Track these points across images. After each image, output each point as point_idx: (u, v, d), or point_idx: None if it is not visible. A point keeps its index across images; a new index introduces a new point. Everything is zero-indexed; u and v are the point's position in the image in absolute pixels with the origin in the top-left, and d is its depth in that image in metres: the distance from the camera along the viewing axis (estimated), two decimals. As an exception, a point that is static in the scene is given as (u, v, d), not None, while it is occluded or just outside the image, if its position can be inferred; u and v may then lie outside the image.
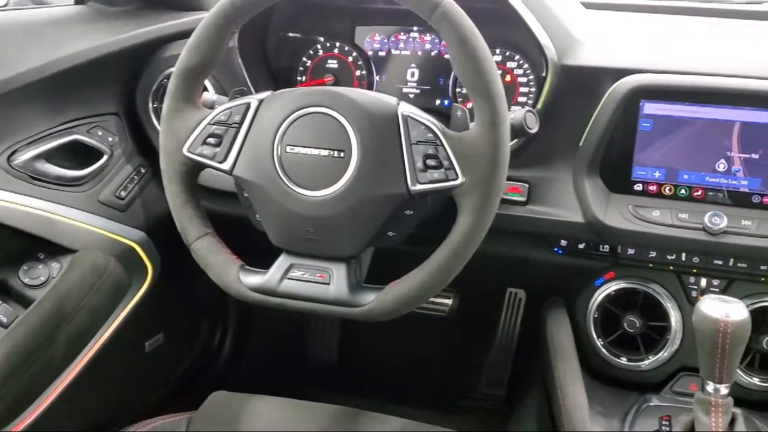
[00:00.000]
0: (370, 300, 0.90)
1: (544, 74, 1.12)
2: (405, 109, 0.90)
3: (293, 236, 0.93)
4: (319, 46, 1.31)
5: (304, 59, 1.32)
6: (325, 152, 0.90)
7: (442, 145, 0.87)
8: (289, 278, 0.93)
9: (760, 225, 1.04)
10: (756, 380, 1.12)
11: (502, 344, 1.80)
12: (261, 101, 0.93)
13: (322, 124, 0.90)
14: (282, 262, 0.94)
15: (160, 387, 1.57)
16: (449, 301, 1.59)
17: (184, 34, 0.98)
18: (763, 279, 1.11)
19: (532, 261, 1.22)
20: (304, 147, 0.90)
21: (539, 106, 1.12)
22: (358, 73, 1.29)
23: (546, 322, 1.22)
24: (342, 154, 0.89)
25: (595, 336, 1.17)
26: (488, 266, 1.27)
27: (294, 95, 0.93)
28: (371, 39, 1.29)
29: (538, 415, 1.36)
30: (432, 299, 1.50)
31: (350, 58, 1.29)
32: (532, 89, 1.20)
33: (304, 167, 0.90)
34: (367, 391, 1.77)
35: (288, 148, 0.91)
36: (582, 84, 1.12)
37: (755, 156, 1.04)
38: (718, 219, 1.05)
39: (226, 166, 0.93)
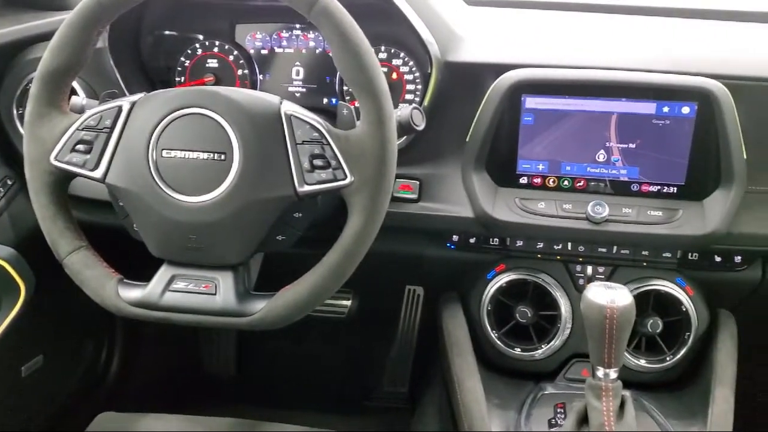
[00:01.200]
0: (260, 308, 0.87)
1: (429, 71, 1.12)
2: (288, 108, 0.87)
3: (174, 245, 0.88)
4: (197, 45, 1.26)
5: (182, 59, 1.26)
6: (204, 155, 0.85)
7: (329, 144, 0.85)
8: (171, 290, 0.88)
9: (639, 212, 1.08)
10: (643, 362, 1.16)
11: (403, 342, 1.80)
12: (134, 104, 0.88)
13: (200, 126, 0.86)
14: (163, 273, 0.89)
15: (41, 413, 1.47)
16: (348, 303, 1.58)
17: (48, 35, 0.91)
18: (645, 264, 1.15)
19: (427, 257, 1.22)
20: (181, 150, 0.86)
21: (426, 103, 1.12)
22: (240, 72, 1.25)
23: (442, 317, 1.23)
24: (223, 157, 0.85)
25: (489, 328, 1.18)
26: (384, 265, 1.27)
27: (169, 96, 0.88)
28: (252, 37, 1.25)
29: (440, 411, 1.36)
30: (330, 301, 1.49)
31: (231, 57, 1.25)
32: (419, 86, 1.20)
33: (183, 172, 0.86)
34: (270, 401, 1.73)
35: (164, 153, 0.86)
36: (466, 80, 1.13)
37: (632, 146, 1.08)
38: (600, 208, 1.08)
39: (98, 174, 0.87)
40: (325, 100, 1.24)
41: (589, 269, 1.17)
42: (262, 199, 0.85)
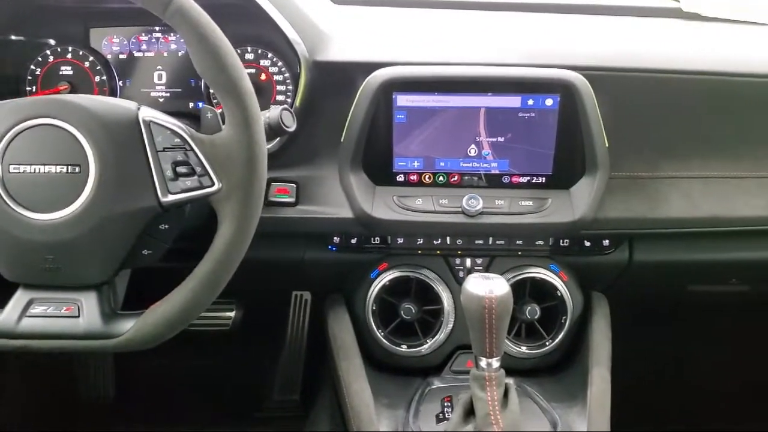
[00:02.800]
0: (129, 328, 0.82)
1: (298, 71, 1.10)
2: (147, 113, 0.82)
3: (29, 267, 0.81)
4: (49, 52, 1.17)
5: (33, 67, 1.17)
6: (57, 169, 0.79)
7: (192, 149, 0.81)
8: (29, 316, 0.82)
9: (511, 203, 1.11)
10: (524, 349, 1.19)
11: (292, 349, 1.77)
12: None
13: (52, 138, 0.80)
14: (19, 298, 0.83)
15: None
16: (231, 314, 1.52)
17: None
18: (519, 253, 1.19)
19: (309, 261, 1.19)
20: (30, 165, 0.79)
21: (297, 104, 1.10)
22: (97, 79, 1.18)
23: (327, 321, 1.21)
24: (77, 169, 0.79)
25: (375, 328, 1.18)
26: (266, 272, 1.24)
27: (14, 107, 0.81)
28: (109, 41, 1.18)
29: (331, 416, 1.35)
30: (210, 314, 1.44)
31: (87, 63, 1.17)
32: (290, 87, 1.17)
33: (34, 188, 0.79)
34: (154, 422, 1.65)
35: (11, 168, 0.79)
36: (337, 79, 1.12)
37: (501, 139, 1.11)
38: (474, 201, 1.10)
39: None
40: (191, 105, 1.19)
41: (468, 262, 1.19)
42: (123, 212, 0.80)
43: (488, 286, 0.92)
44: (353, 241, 1.17)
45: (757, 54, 1.24)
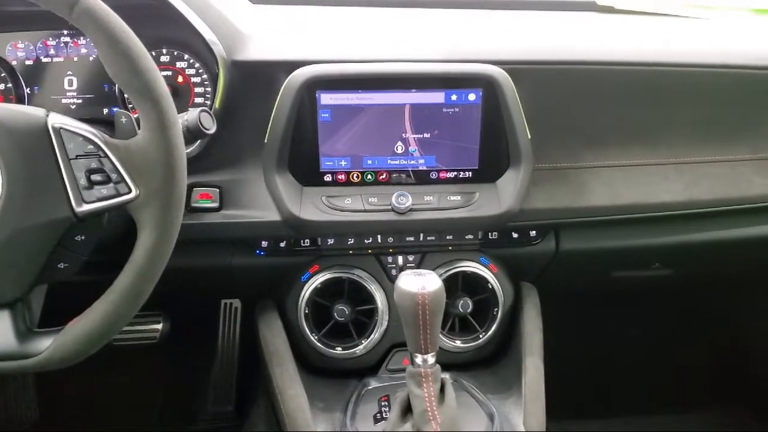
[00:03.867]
0: (47, 346, 0.77)
1: (217, 72, 1.07)
2: (56, 120, 0.78)
3: None
4: (-53, 59, 1.10)
5: None
6: None
7: (107, 156, 0.77)
8: None
9: (440, 199, 1.11)
10: (458, 343, 1.20)
11: (224, 358, 1.72)
12: None
13: None
14: None
15: None
16: (159, 326, 1.47)
17: None
18: (450, 248, 1.19)
19: (237, 268, 1.16)
20: None
21: (217, 105, 1.07)
22: (2, 87, 1.11)
23: (259, 327, 1.18)
24: None
25: (308, 332, 1.16)
26: (192, 280, 1.20)
27: None
28: (14, 47, 1.12)
29: (267, 424, 1.32)
30: (135, 327, 1.38)
31: None
32: (209, 89, 1.14)
33: None
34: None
35: None
36: (257, 79, 1.09)
37: (427, 135, 1.11)
38: (403, 198, 1.09)
39: None
40: (106, 111, 1.14)
41: (400, 259, 1.19)
42: (35, 224, 0.76)
43: (420, 283, 0.92)
44: (282, 244, 1.15)
45: (670, 44, 1.28)
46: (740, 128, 1.23)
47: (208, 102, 1.14)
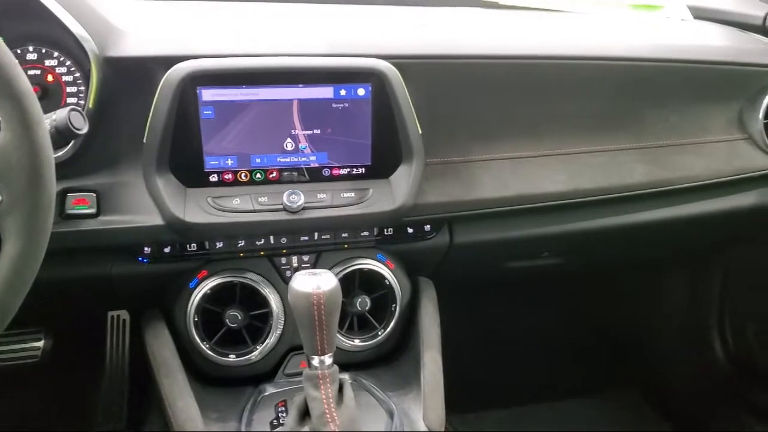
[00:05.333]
0: None
1: (89, 69, 1.00)
2: None
3: None
4: None
5: None
6: None
7: None
8: None
9: (333, 196, 1.08)
10: (357, 342, 1.18)
11: (113, 374, 1.63)
12: None
13: None
14: None
15: None
16: (40, 343, 1.37)
17: None
18: (346, 246, 1.17)
19: (117, 277, 1.09)
20: None
21: (90, 104, 1.00)
22: None
23: (146, 338, 1.11)
24: None
25: (199, 340, 1.10)
26: (71, 293, 1.12)
27: None
28: None
29: (161, 440, 1.25)
30: (16, 345, 1.29)
31: None
32: (82, 88, 1.06)
33: None
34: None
35: None
36: (134, 76, 1.03)
37: (317, 131, 1.08)
38: (295, 197, 1.06)
39: None
40: None
41: (295, 260, 1.15)
42: None
43: (315, 282, 0.90)
44: (167, 250, 1.09)
45: (553, 38, 1.31)
46: (621, 118, 1.28)
47: (82, 102, 1.06)
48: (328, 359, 0.92)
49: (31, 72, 1.03)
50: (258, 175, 1.08)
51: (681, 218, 1.35)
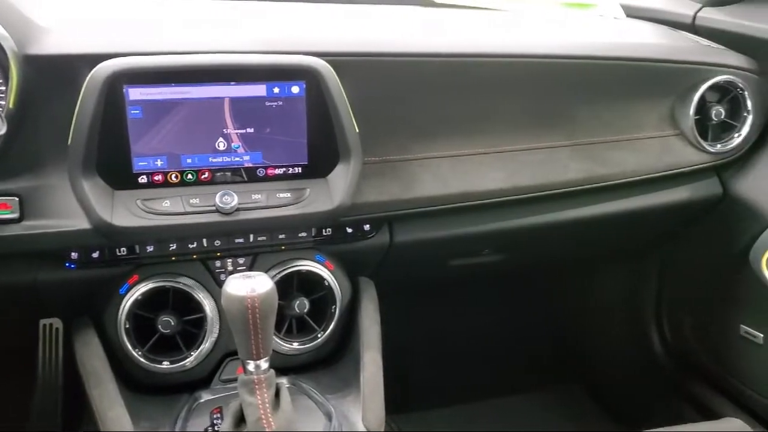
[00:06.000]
0: None
1: (8, 68, 0.96)
2: None
3: None
4: None
5: None
6: None
7: None
8: None
9: (269, 197, 1.06)
10: (296, 345, 1.16)
11: (46, 385, 1.56)
12: None
13: None
14: None
15: None
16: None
17: None
18: (283, 247, 1.15)
19: (43, 284, 1.05)
20: None
21: (11, 105, 0.96)
22: None
23: (75, 347, 1.07)
24: None
25: (130, 347, 1.07)
26: (-4, 301, 1.07)
27: None
28: None
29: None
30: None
31: None
32: (2, 87, 1.02)
33: None
34: None
35: None
36: (58, 75, 0.99)
37: (251, 130, 1.05)
38: (228, 198, 1.03)
39: None
40: None
41: (230, 263, 1.13)
42: None
43: (250, 285, 0.87)
44: (95, 255, 1.06)
45: (488, 37, 1.32)
46: (556, 116, 1.29)
47: (2, 102, 1.02)
48: (263, 364, 0.90)
49: None
50: (189, 176, 1.05)
51: (616, 214, 1.37)
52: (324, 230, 1.16)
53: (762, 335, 1.45)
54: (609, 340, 1.92)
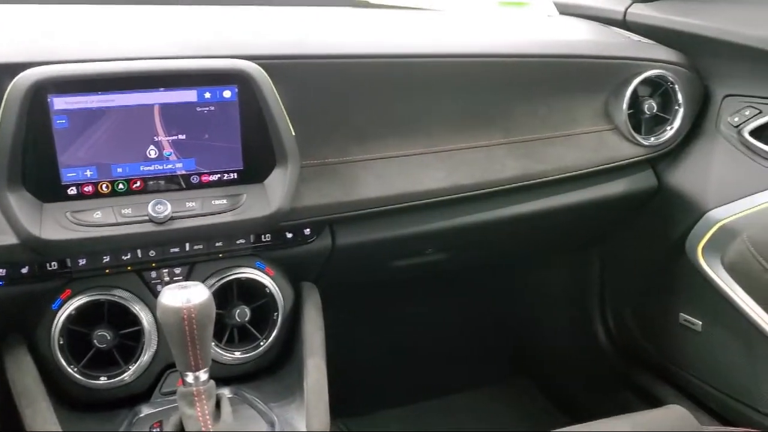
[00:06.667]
0: None
1: None
2: None
3: None
4: None
5: None
6: None
7: None
8: None
9: (203, 204, 1.04)
10: (238, 354, 1.14)
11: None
12: None
13: None
14: None
15: None
16: None
17: None
18: (221, 255, 1.13)
19: None
20: None
21: None
22: None
23: (6, 366, 1.03)
24: None
25: (65, 364, 1.03)
26: None
27: None
28: None
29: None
30: None
31: None
32: None
33: None
34: None
35: None
36: None
37: (182, 137, 1.03)
38: (162, 207, 1.01)
39: None
40: None
41: (165, 273, 1.10)
42: None
43: (185, 296, 0.86)
44: (24, 270, 1.02)
45: (423, 36, 1.32)
46: (493, 114, 1.30)
47: None
48: (203, 375, 0.88)
49: None
50: (120, 186, 1.02)
51: (555, 209, 1.39)
52: (263, 236, 1.15)
53: (700, 322, 1.48)
54: (555, 333, 1.95)
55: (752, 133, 1.33)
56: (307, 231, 1.19)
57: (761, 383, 1.37)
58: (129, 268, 1.08)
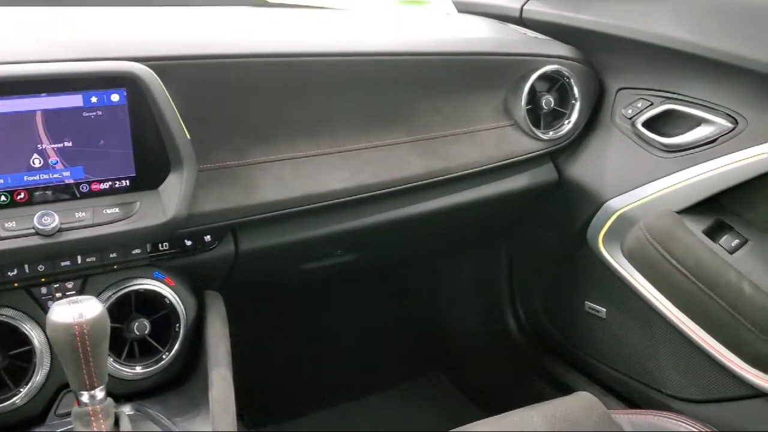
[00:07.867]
0: None
1: None
2: None
3: None
4: None
5: None
6: None
7: None
8: None
9: (94, 214, 0.99)
10: (139, 369, 1.09)
11: None
12: None
13: None
14: None
15: None
16: None
17: None
18: (116, 267, 1.08)
19: None
20: None
21: None
22: None
23: None
24: None
25: None
26: None
27: None
28: None
29: None
30: None
31: None
32: None
33: None
34: None
35: None
36: None
37: (69, 144, 0.98)
38: (49, 218, 0.95)
39: None
40: None
41: (56, 288, 1.04)
42: None
43: (77, 311, 0.81)
44: None
45: (321, 35, 1.31)
46: (395, 113, 1.30)
47: None
48: (99, 393, 0.85)
49: None
50: (3, 198, 0.95)
51: (461, 205, 1.40)
52: (161, 245, 1.10)
53: (605, 309, 1.53)
54: (468, 326, 1.98)
55: (645, 124, 1.38)
56: (208, 237, 1.15)
57: (663, 366, 1.42)
58: (16, 284, 1.01)
